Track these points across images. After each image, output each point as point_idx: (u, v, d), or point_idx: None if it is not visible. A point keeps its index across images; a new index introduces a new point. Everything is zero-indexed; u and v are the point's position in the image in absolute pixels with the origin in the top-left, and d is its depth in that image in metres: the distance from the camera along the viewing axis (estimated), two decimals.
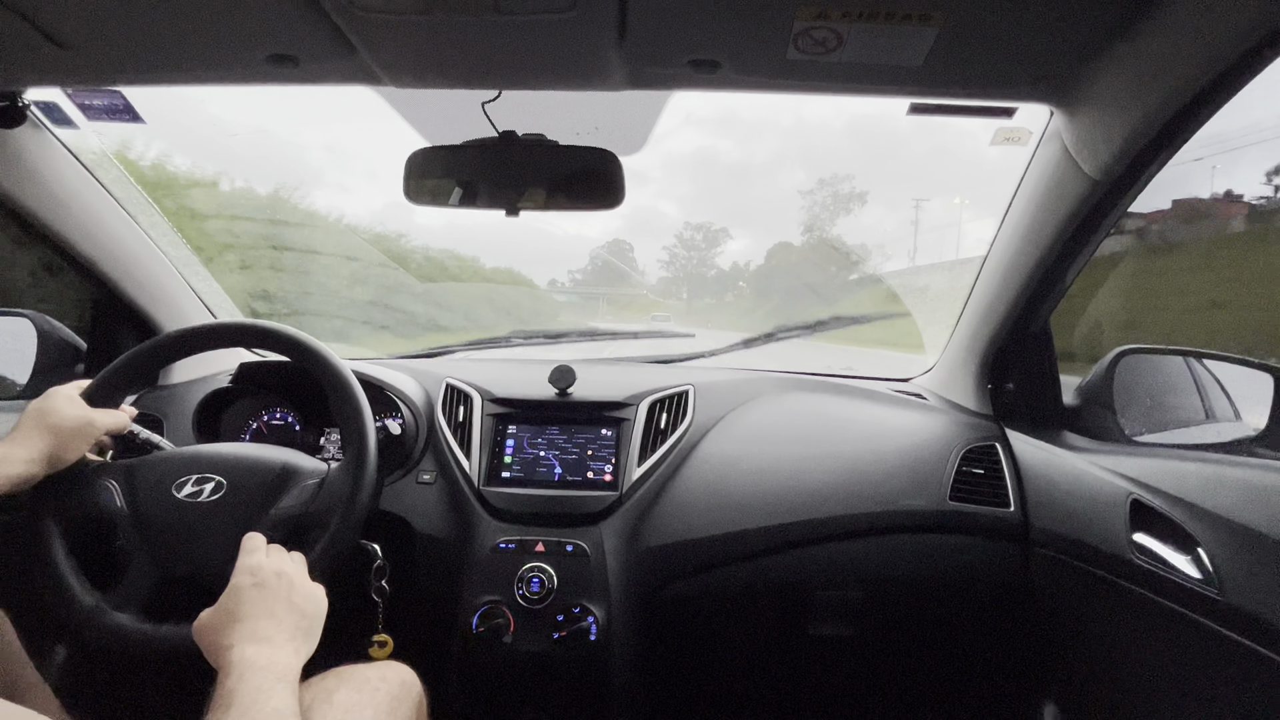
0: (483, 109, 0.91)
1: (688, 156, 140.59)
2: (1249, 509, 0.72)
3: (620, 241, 23.15)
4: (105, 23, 0.75)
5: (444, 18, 0.68)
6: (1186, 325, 3.86)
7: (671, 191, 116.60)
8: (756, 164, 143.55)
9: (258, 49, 0.78)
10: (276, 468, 0.84)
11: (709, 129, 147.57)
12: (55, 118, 1.03)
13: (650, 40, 0.73)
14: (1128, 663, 0.90)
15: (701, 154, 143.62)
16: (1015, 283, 1.06)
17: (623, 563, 1.04)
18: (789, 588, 1.09)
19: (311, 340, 0.91)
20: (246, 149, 2.66)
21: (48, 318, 1.24)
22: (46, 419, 0.77)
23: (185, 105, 1.10)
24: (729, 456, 1.13)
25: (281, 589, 0.66)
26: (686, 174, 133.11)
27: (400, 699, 0.75)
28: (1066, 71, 0.78)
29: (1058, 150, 0.89)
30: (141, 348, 0.91)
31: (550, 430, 1.15)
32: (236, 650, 0.58)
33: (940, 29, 0.69)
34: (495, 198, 0.99)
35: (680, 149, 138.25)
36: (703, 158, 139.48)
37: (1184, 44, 0.68)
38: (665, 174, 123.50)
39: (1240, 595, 0.70)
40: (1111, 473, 0.92)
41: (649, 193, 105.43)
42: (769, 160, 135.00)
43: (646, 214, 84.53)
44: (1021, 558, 1.05)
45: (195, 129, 2.44)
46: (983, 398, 1.24)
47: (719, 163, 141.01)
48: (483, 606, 0.99)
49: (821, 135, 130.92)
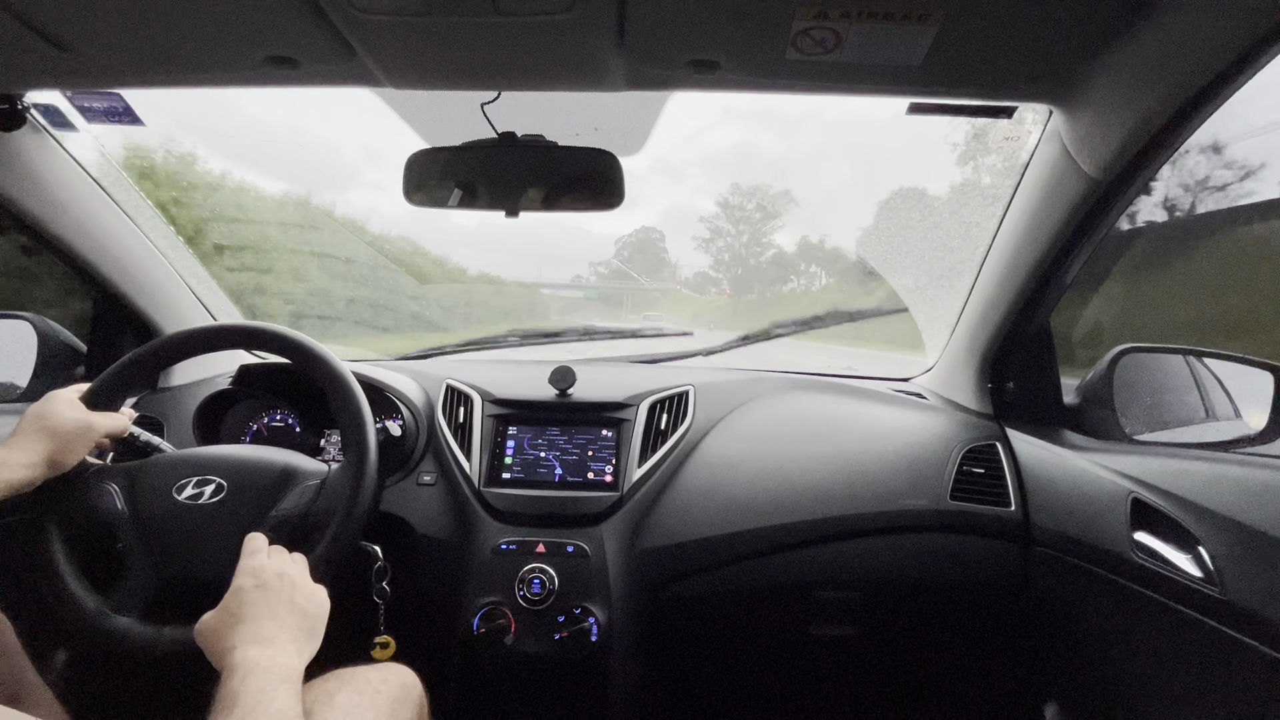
0: (482, 110, 0.91)
1: (727, 151, 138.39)
2: (1250, 507, 0.72)
3: (650, 230, 20.17)
4: (105, 25, 0.75)
5: (443, 19, 0.68)
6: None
7: (709, 188, 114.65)
8: (799, 158, 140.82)
9: (257, 51, 0.78)
10: (277, 469, 0.84)
11: (749, 123, 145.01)
12: (55, 120, 1.03)
13: (649, 41, 0.73)
14: (1129, 661, 0.90)
15: (742, 149, 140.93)
16: (1015, 282, 1.06)
17: (624, 563, 1.04)
18: (790, 588, 1.09)
19: (311, 342, 0.91)
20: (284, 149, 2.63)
21: (48, 320, 1.25)
22: (46, 423, 0.77)
23: (221, 107, 1.11)
24: (729, 457, 1.13)
25: (284, 590, 0.66)
26: (725, 170, 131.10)
27: (401, 701, 0.75)
28: (1066, 71, 0.78)
29: (1057, 150, 0.89)
30: (141, 351, 0.91)
31: (551, 431, 1.15)
32: (239, 652, 0.58)
33: (939, 29, 0.69)
34: (495, 199, 0.99)
35: (719, 144, 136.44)
36: (743, 152, 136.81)
37: (1184, 44, 0.68)
38: (703, 169, 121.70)
39: (1241, 593, 0.70)
40: (1112, 471, 0.92)
41: (685, 190, 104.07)
42: (813, 154, 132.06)
43: (683, 211, 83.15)
44: (1022, 557, 1.05)
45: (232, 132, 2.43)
46: (983, 397, 1.24)
47: (760, 157, 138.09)
48: (484, 608, 0.99)
49: (869, 128, 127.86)
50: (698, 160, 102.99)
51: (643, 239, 14.37)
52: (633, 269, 9.71)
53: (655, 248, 16.10)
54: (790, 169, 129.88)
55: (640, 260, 10.59)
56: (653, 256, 15.38)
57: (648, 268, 12.59)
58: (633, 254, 9.87)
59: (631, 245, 11.72)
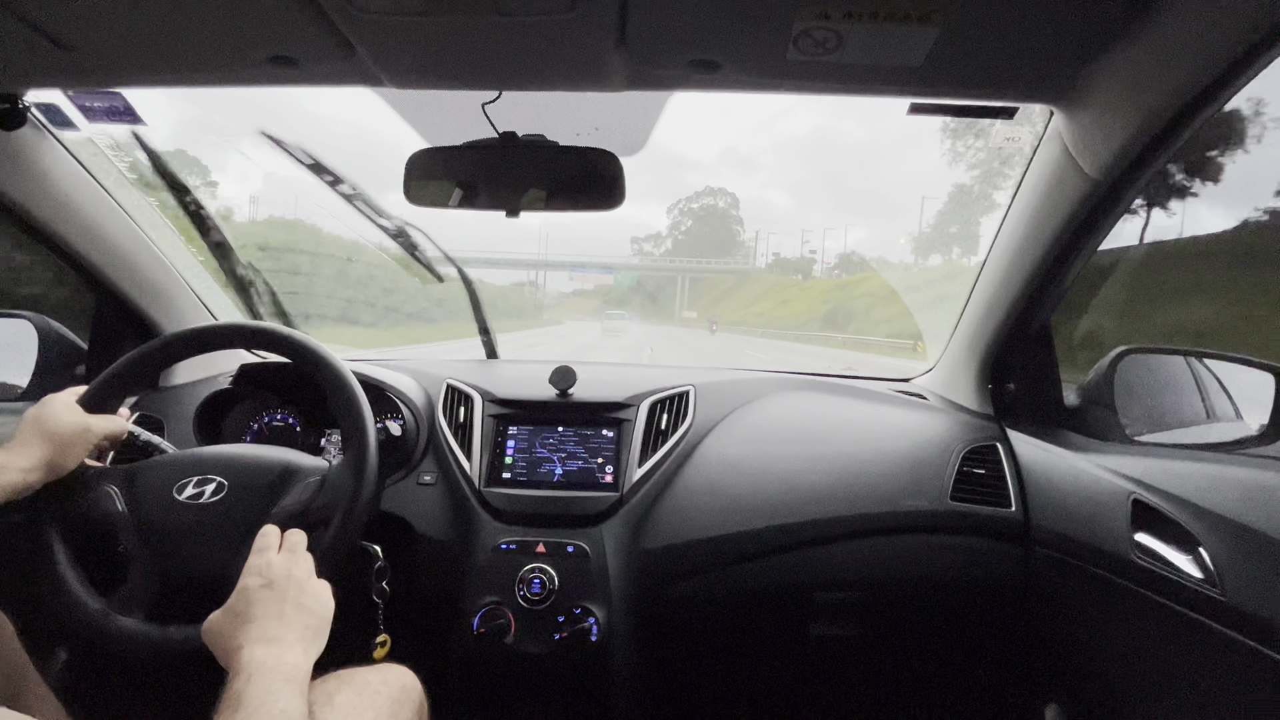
0: (483, 110, 0.91)
1: (803, 139, 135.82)
2: (1250, 508, 0.72)
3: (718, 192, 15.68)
4: (106, 24, 0.75)
5: (444, 19, 0.68)
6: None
7: (783, 179, 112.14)
8: (884, 145, 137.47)
9: (257, 50, 0.78)
10: (277, 467, 0.84)
11: (828, 107, 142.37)
12: (56, 120, 1.03)
13: (650, 41, 0.73)
14: (1129, 662, 0.90)
15: (819, 135, 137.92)
16: (1015, 283, 1.06)
17: (624, 564, 1.04)
18: (790, 588, 1.09)
19: (310, 341, 0.91)
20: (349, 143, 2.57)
21: (48, 319, 1.25)
22: (44, 426, 0.77)
23: (281, 103, 1.12)
24: (730, 457, 1.13)
25: (290, 590, 0.66)
26: (801, 159, 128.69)
27: (401, 701, 0.75)
28: (1066, 71, 0.78)
29: (1058, 150, 0.89)
30: (139, 352, 0.90)
31: (551, 431, 1.15)
32: (246, 651, 0.58)
33: (940, 29, 0.69)
34: (495, 198, 0.99)
35: (794, 131, 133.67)
36: (820, 139, 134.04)
37: (1184, 44, 0.68)
38: (777, 159, 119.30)
39: (1242, 595, 0.70)
40: (1113, 472, 0.91)
41: (757, 181, 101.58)
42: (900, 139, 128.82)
43: (756, 205, 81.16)
44: (1023, 558, 1.05)
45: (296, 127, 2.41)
46: (983, 397, 1.24)
47: (839, 145, 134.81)
48: (484, 608, 0.99)
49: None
50: (770, 149, 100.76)
51: (706, 208, 12.03)
52: (691, 246, 8.64)
53: (724, 218, 13.82)
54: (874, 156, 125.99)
55: (702, 235, 9.16)
56: (721, 230, 13.30)
57: (713, 246, 11.02)
58: (695, 225, 8.57)
59: (694, 214, 10.13)
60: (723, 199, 15.67)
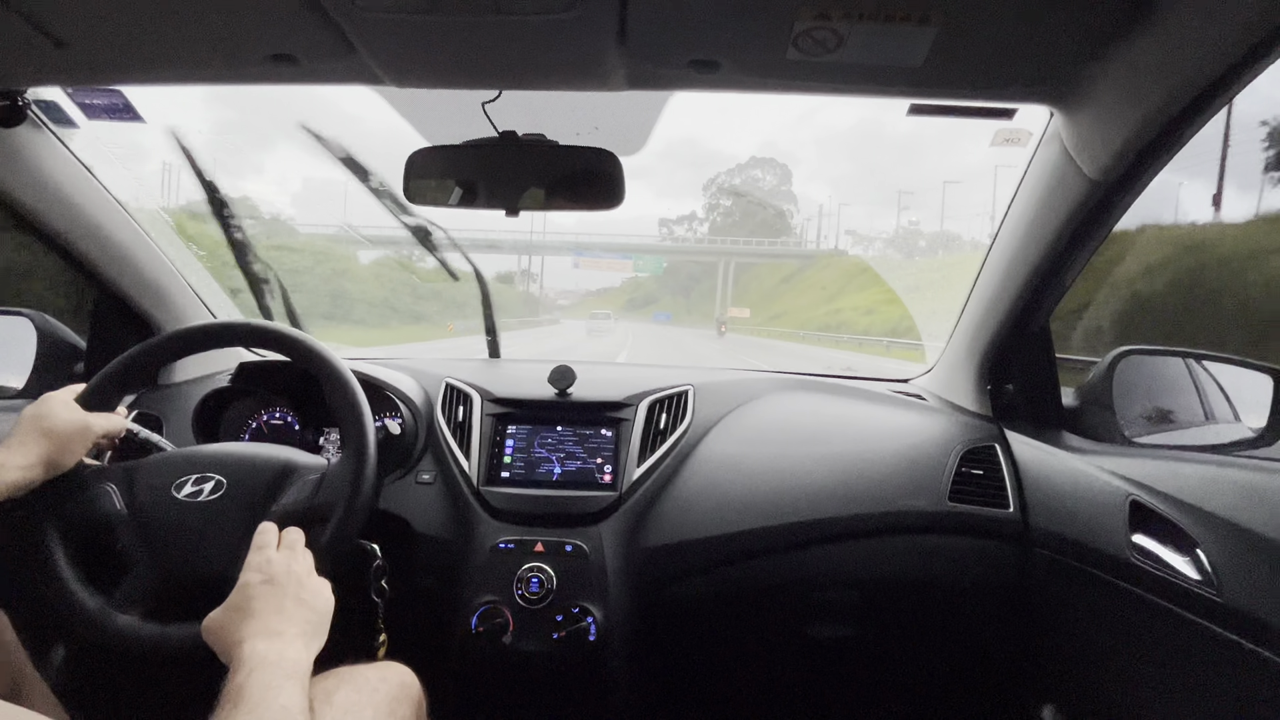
0: (483, 109, 0.91)
1: (845, 131, 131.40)
2: (1248, 510, 0.72)
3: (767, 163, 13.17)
4: (105, 22, 0.75)
5: (444, 18, 0.68)
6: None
7: (825, 173, 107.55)
8: (930, 136, 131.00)
9: (257, 48, 0.78)
10: (276, 465, 0.84)
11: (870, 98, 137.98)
12: (55, 117, 1.03)
13: (650, 41, 0.73)
14: (1127, 664, 0.90)
15: (862, 127, 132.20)
16: (1015, 283, 1.06)
17: (622, 563, 1.04)
18: (788, 588, 1.09)
19: (309, 339, 0.91)
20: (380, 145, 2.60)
21: (47, 317, 1.24)
22: (42, 424, 0.77)
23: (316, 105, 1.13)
24: (728, 457, 1.13)
25: (290, 585, 0.66)
26: (844, 152, 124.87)
27: (399, 699, 0.75)
28: (1066, 72, 0.78)
29: (1058, 151, 0.89)
30: (137, 350, 0.90)
31: (550, 430, 1.15)
32: (247, 645, 0.58)
33: (940, 30, 0.69)
34: (495, 197, 0.99)
35: (836, 123, 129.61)
36: (864, 131, 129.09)
37: (1184, 44, 0.68)
38: (818, 152, 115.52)
39: (1239, 596, 0.70)
40: (1111, 474, 0.92)
41: (799, 175, 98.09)
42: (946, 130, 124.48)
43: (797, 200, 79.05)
44: (1020, 559, 1.05)
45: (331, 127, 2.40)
46: (982, 398, 1.24)
47: (883, 136, 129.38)
48: (482, 607, 0.99)
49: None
50: (812, 142, 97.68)
51: (751, 182, 10.49)
52: (732, 228, 7.67)
53: (774, 195, 11.93)
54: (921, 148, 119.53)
55: (748, 214, 8.21)
56: (768, 208, 11.57)
57: (759, 227, 9.81)
58: (736, 204, 7.80)
59: (735, 192, 9.08)
60: (771, 172, 14.21)
